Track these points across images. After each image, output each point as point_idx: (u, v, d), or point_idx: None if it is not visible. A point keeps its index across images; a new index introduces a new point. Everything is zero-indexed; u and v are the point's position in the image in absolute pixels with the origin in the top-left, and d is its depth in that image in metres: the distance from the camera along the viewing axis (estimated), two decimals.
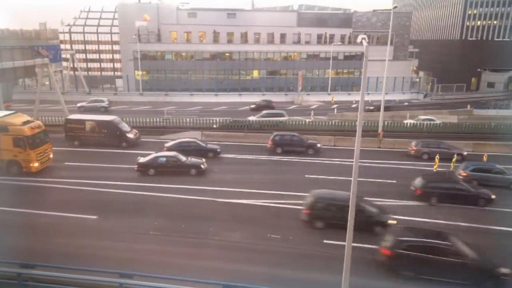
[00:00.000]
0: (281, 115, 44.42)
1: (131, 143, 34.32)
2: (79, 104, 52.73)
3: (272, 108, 51.97)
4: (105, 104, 53.47)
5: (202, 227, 19.97)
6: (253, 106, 54.60)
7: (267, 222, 20.72)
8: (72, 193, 24.17)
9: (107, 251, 17.54)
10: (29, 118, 28.17)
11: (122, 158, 31.54)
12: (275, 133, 34.52)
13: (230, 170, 29.20)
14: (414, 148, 32.99)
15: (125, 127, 35.15)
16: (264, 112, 45.98)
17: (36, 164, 26.69)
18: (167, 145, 31.87)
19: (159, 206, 22.53)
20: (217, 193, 24.18)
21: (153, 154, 28.08)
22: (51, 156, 28.69)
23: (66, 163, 29.78)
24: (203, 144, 32.23)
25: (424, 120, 43.12)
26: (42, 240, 18.36)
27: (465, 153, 32.51)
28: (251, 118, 42.74)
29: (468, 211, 22.56)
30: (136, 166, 27.41)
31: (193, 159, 28.15)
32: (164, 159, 27.51)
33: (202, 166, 27.73)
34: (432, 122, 41.88)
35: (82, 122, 34.26)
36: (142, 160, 27.68)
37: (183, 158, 27.71)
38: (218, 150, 32.40)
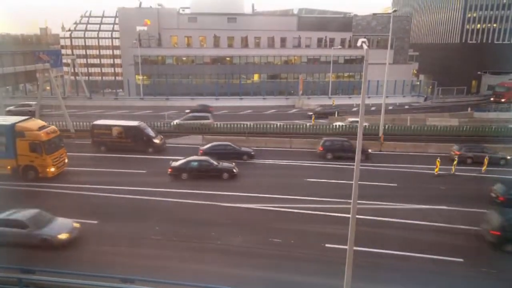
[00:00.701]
0: (205, 118, 43.32)
1: (157, 149, 34.10)
2: (7, 109, 49.45)
3: (209, 112, 49.68)
4: (31, 108, 48.89)
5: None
6: (188, 110, 51.53)
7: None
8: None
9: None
10: (44, 123, 28.23)
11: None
12: (325, 138, 34.27)
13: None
14: (457, 152, 32.57)
15: (151, 132, 34.94)
16: (190, 114, 45.13)
17: (52, 169, 26.75)
18: (202, 148, 32.30)
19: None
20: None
21: (185, 159, 28.21)
22: (66, 161, 28.70)
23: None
24: (238, 147, 32.65)
25: (351, 122, 42.69)
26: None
27: (508, 157, 32.36)
28: (176, 121, 41.79)
29: None
30: (169, 170, 27.53)
31: (224, 164, 28.44)
32: (196, 163, 27.74)
33: (234, 170, 27.99)
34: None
35: (109, 127, 33.97)
36: (174, 164, 27.80)
37: (214, 162, 27.93)
38: (252, 153, 32.78)
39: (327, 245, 18.58)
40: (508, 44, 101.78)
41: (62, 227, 18.49)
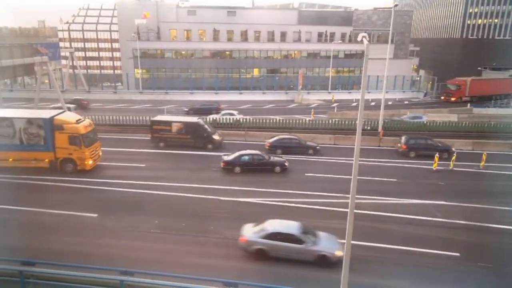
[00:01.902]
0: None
1: (217, 145, 33.70)
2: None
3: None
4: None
5: None
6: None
7: None
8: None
9: None
10: (80, 117, 28.35)
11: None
12: (407, 136, 33.90)
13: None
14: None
15: (209, 128, 34.54)
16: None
17: (90, 162, 26.97)
18: (269, 140, 32.73)
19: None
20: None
21: (237, 152, 28.41)
22: (100, 154, 28.81)
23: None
24: (303, 142, 32.85)
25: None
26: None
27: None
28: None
29: None
30: (222, 164, 27.76)
31: (275, 158, 28.91)
32: (247, 157, 27.92)
33: (285, 164, 28.18)
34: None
35: (169, 123, 33.55)
36: (227, 158, 28.02)
37: (266, 156, 28.25)
38: (318, 147, 32.83)
39: None
40: (509, 39, 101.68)
41: (333, 242, 16.99)
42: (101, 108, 51.83)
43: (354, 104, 58.20)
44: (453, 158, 29.76)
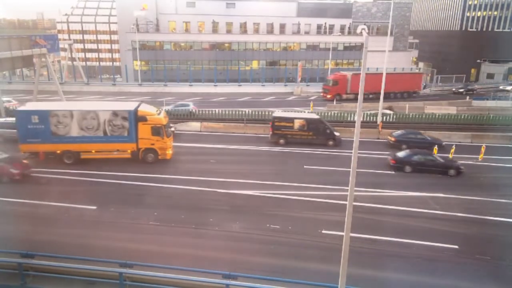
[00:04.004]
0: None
1: (338, 142, 33.06)
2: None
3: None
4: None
5: None
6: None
7: None
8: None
9: None
10: (156, 108, 28.95)
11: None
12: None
13: None
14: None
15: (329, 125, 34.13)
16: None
17: (170, 151, 27.87)
18: (394, 134, 32.98)
19: None
20: None
21: (407, 150, 28.25)
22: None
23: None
24: (428, 137, 32.83)
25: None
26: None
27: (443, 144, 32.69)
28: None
29: None
30: (391, 161, 27.38)
31: (448, 159, 27.94)
32: (421, 156, 27.21)
33: (461, 167, 26.98)
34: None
35: (291, 120, 33.09)
36: (399, 155, 27.71)
37: (439, 158, 27.37)
38: (443, 144, 32.24)
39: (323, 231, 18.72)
40: (508, 32, 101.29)
41: None
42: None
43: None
44: (452, 150, 29.80)
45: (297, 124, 32.87)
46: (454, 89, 66.10)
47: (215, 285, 13.07)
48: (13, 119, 28.47)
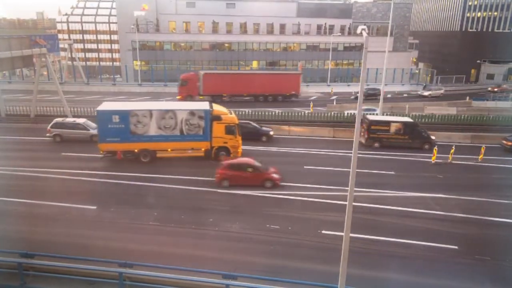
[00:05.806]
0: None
1: (434, 145, 31.66)
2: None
3: None
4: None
5: None
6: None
7: None
8: None
9: None
10: (224, 108, 29.52)
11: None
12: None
13: None
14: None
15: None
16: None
17: (241, 149, 28.27)
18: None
19: None
20: None
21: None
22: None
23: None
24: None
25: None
26: None
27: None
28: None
29: None
30: None
31: None
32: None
33: (271, 133, 29.65)
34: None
35: (387, 123, 32.96)
36: None
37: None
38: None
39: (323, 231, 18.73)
40: (508, 32, 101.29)
41: None
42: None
43: (353, 97, 57.96)
44: (452, 151, 29.79)
45: (393, 127, 32.77)
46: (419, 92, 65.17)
47: (215, 285, 13.05)
48: (81, 120, 32.49)
